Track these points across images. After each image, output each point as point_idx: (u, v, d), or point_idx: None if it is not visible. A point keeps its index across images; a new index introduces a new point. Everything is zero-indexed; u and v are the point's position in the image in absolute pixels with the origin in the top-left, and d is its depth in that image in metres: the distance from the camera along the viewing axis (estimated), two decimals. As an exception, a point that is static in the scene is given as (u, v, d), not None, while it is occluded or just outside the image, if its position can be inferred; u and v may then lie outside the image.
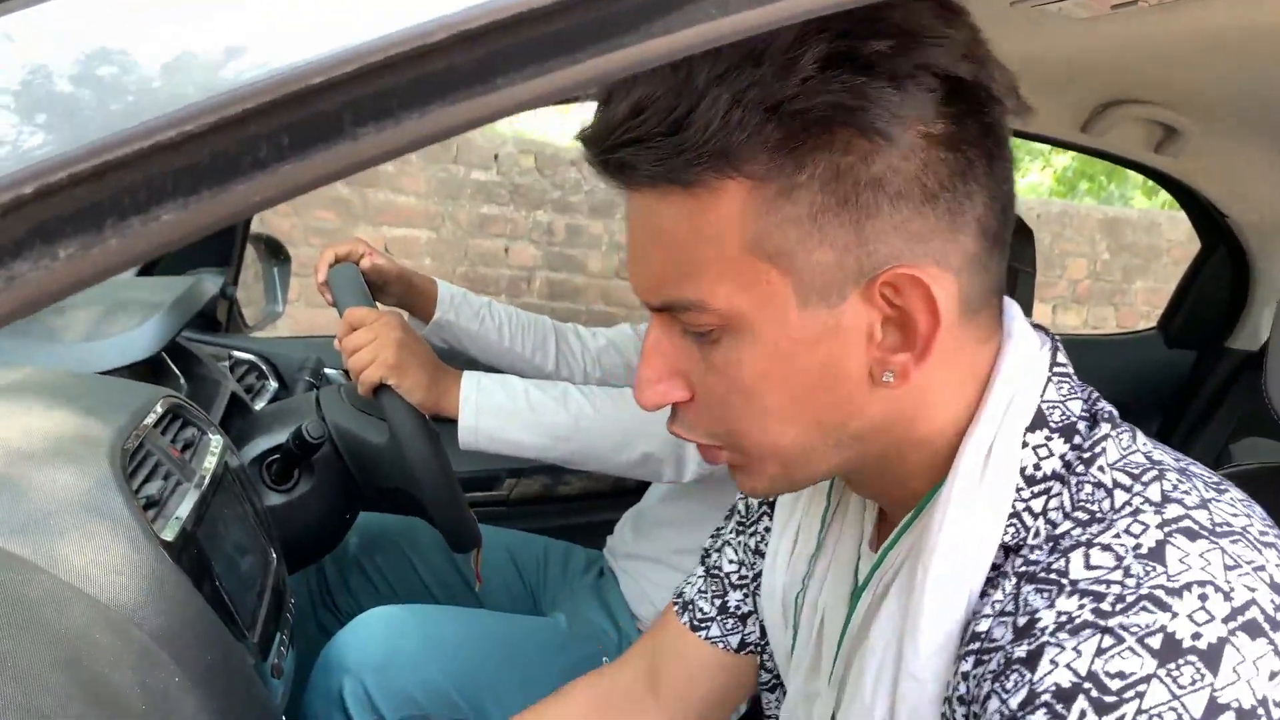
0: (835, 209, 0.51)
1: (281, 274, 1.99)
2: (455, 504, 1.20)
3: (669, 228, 0.54)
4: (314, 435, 1.16)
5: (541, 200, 4.25)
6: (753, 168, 0.51)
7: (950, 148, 0.52)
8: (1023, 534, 0.55)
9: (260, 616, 0.94)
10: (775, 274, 0.53)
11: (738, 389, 0.56)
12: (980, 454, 0.56)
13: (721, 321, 0.55)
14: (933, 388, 0.57)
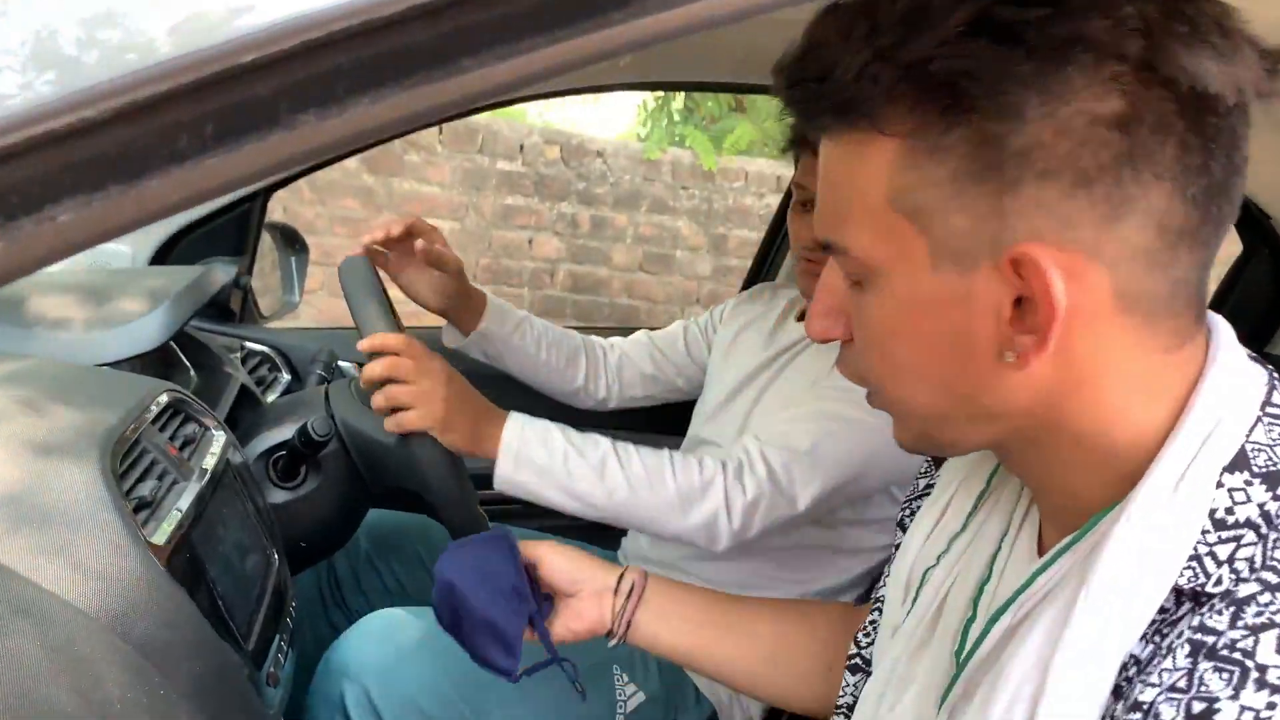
0: (976, 176, 0.50)
1: (299, 264, 1.97)
2: (465, 504, 1.16)
3: (831, 169, 0.57)
4: (320, 432, 1.13)
5: (566, 192, 4.22)
6: (903, 125, 0.51)
7: (1120, 129, 0.48)
8: (1201, 580, 0.50)
9: (258, 621, 0.91)
10: (912, 232, 0.53)
11: (875, 339, 0.58)
12: (1169, 482, 0.51)
13: (861, 270, 0.56)
14: (1086, 384, 0.53)
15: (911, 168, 0.52)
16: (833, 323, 0.62)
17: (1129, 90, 0.48)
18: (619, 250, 4.36)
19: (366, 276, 1.21)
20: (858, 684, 0.84)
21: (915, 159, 0.51)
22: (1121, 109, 0.48)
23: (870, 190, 0.54)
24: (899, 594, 0.76)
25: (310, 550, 1.28)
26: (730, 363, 1.50)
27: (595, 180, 4.25)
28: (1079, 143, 0.48)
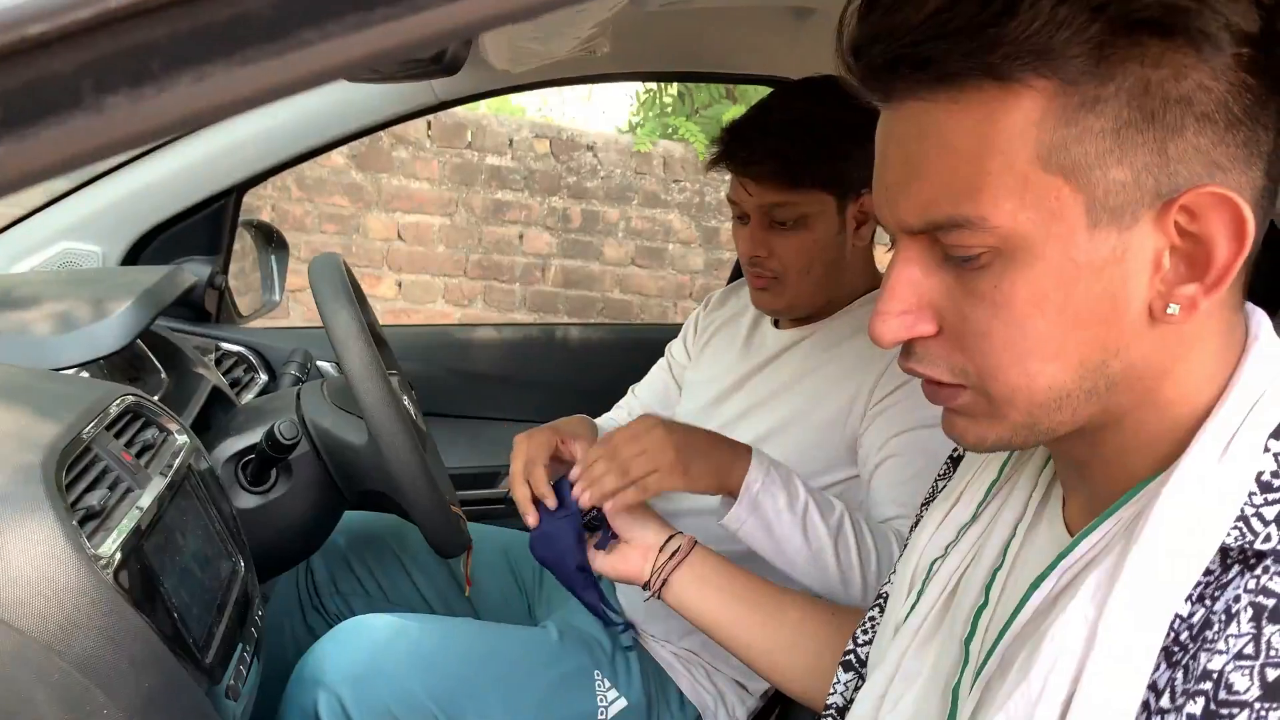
0: (1140, 125, 0.49)
1: (279, 262, 1.93)
2: (438, 508, 1.13)
3: (952, 137, 0.52)
4: (287, 436, 1.10)
5: (556, 186, 4.18)
6: (1065, 71, 0.49)
7: (1256, 74, 0.49)
8: (1249, 538, 0.50)
9: (218, 633, 0.88)
10: (1067, 190, 0.50)
11: (1004, 318, 0.53)
12: (1218, 446, 0.52)
13: (997, 242, 0.52)
14: (1198, 340, 0.54)
15: (1067, 122, 0.49)
16: (917, 319, 0.57)
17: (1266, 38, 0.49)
18: (610, 245, 4.32)
19: (337, 277, 1.17)
20: (849, 683, 0.83)
21: (1070, 112, 0.49)
22: (1259, 56, 0.49)
23: (1016, 150, 0.50)
24: (903, 589, 0.74)
25: (282, 555, 1.25)
26: (705, 373, 1.45)
27: (586, 174, 4.21)
28: (1230, 86, 0.49)
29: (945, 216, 0.53)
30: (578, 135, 4.19)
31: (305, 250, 3.91)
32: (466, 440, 1.76)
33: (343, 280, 1.17)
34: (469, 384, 1.83)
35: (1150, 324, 0.52)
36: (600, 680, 1.22)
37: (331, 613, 1.47)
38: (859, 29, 0.53)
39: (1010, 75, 0.49)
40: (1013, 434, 0.57)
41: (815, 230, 1.22)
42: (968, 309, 0.54)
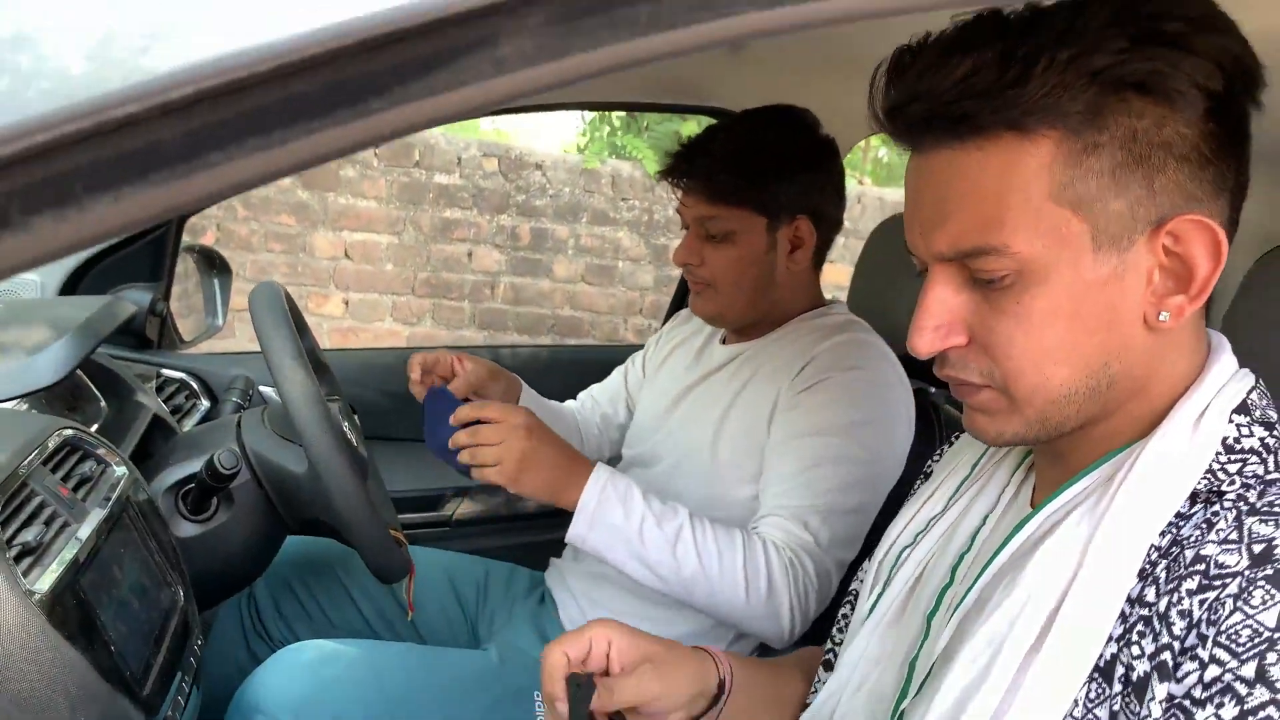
0: (1131, 165, 0.60)
1: (221, 286, 1.93)
2: (378, 535, 1.15)
3: (979, 179, 0.62)
4: (226, 466, 1.11)
5: (505, 204, 4.20)
6: (1069, 123, 0.59)
7: (1222, 122, 0.61)
8: (1216, 483, 0.62)
9: (156, 664, 0.90)
10: (1075, 221, 0.61)
11: (1025, 328, 0.63)
12: (1193, 416, 0.64)
13: (1018, 265, 0.62)
14: (1178, 342, 0.65)
15: (1073, 164, 0.60)
16: (950, 332, 0.67)
17: (1230, 91, 0.60)
18: (560, 262, 4.35)
19: (276, 306, 1.18)
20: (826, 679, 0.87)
21: (1075, 155, 0.60)
22: (1224, 107, 0.60)
23: (1033, 188, 0.61)
24: (871, 582, 0.82)
25: (224, 583, 1.26)
26: (658, 386, 1.51)
27: (535, 193, 4.24)
28: (1201, 133, 0.60)
29: (973, 246, 0.63)
30: (526, 154, 4.21)
31: (251, 269, 3.89)
32: (410, 464, 1.77)
33: (283, 309, 1.18)
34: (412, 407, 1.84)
35: (1145, 330, 0.63)
36: (539, 701, 1.24)
37: (275, 639, 1.47)
38: (894, 91, 0.64)
39: (1028, 127, 0.60)
40: (1026, 428, 0.67)
41: (742, 246, 1.30)
42: (993, 322, 0.64)
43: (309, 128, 0.25)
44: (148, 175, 0.24)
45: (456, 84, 0.27)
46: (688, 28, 0.28)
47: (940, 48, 0.61)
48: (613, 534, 1.14)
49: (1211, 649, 0.56)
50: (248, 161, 0.25)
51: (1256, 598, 0.55)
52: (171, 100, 0.24)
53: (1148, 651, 0.59)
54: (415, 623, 1.47)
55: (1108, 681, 0.61)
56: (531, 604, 1.46)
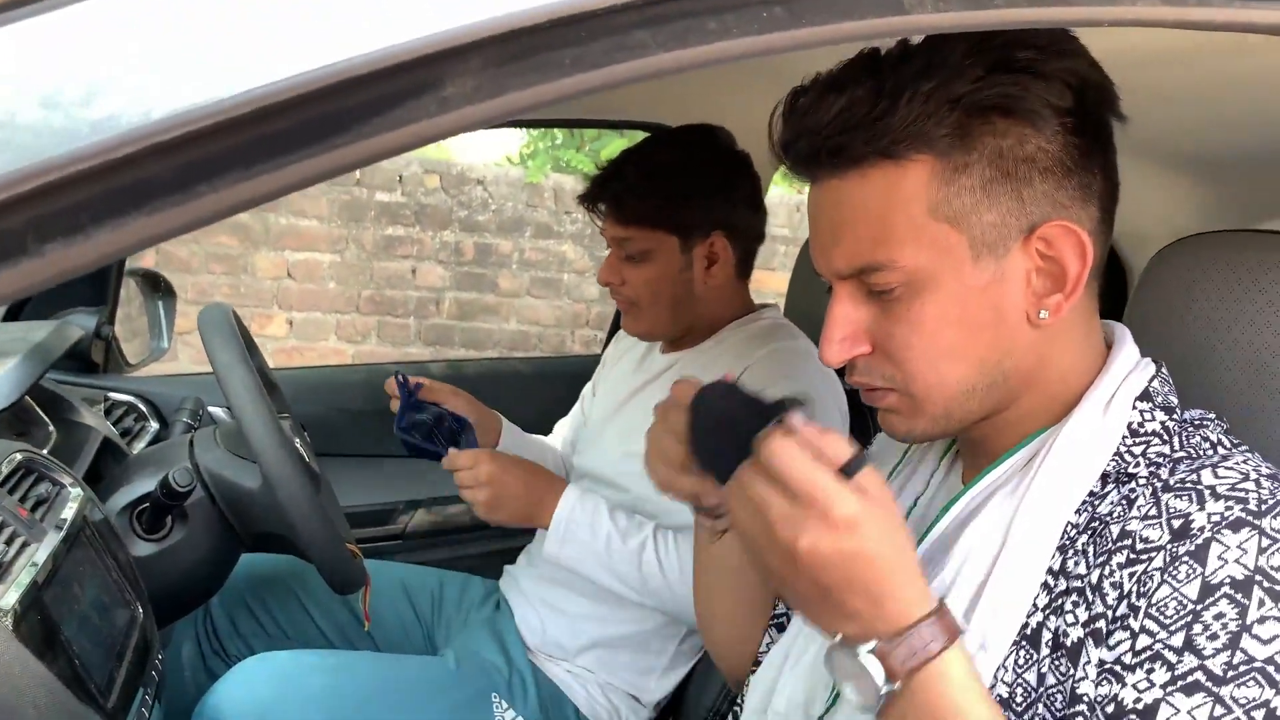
0: (1000, 180, 0.66)
1: (166, 308, 1.94)
2: (333, 547, 1.17)
3: (866, 202, 0.68)
4: (180, 483, 1.13)
5: (448, 220, 4.22)
6: (939, 147, 0.65)
7: (1081, 134, 0.67)
8: (1124, 464, 0.68)
9: (119, 678, 0.92)
10: (953, 234, 0.67)
11: (918, 333, 0.69)
12: (1101, 402, 0.70)
13: (907, 277, 0.67)
14: (1063, 336, 0.71)
15: (947, 183, 0.66)
16: (854, 343, 0.72)
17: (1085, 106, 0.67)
18: (505, 276, 4.38)
19: (226, 326, 1.21)
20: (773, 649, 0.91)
21: (946, 175, 0.66)
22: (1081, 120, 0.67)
23: (913, 206, 0.67)
24: None
25: (181, 600, 1.27)
26: (602, 396, 1.55)
27: (477, 208, 4.27)
28: (1062, 146, 0.67)
29: (864, 263, 0.69)
30: (468, 170, 4.24)
31: (192, 291, 3.86)
32: (362, 479, 1.80)
33: (232, 329, 1.21)
34: (362, 423, 1.87)
35: (1029, 327, 0.69)
36: (498, 702, 1.28)
37: (233, 655, 1.49)
38: (785, 130, 0.71)
39: (899, 154, 0.66)
40: (932, 424, 0.73)
41: (659, 265, 1.36)
42: (890, 329, 0.70)
43: (282, 162, 0.29)
44: (144, 206, 0.28)
45: (408, 120, 0.31)
46: (606, 68, 0.33)
47: (821, 87, 0.68)
48: (582, 549, 1.25)
49: (1143, 620, 0.61)
50: (232, 190, 0.29)
51: (1181, 572, 0.61)
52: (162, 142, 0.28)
53: (1080, 619, 0.64)
54: (372, 634, 1.49)
55: (1034, 647, 0.66)
56: (487, 611, 1.49)
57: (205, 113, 0.28)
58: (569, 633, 1.38)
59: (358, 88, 0.30)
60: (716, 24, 0.35)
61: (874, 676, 0.60)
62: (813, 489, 0.58)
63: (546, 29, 0.32)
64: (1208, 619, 0.59)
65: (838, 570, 0.59)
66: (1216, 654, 0.58)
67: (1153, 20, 0.56)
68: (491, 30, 0.31)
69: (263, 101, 0.28)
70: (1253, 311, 0.78)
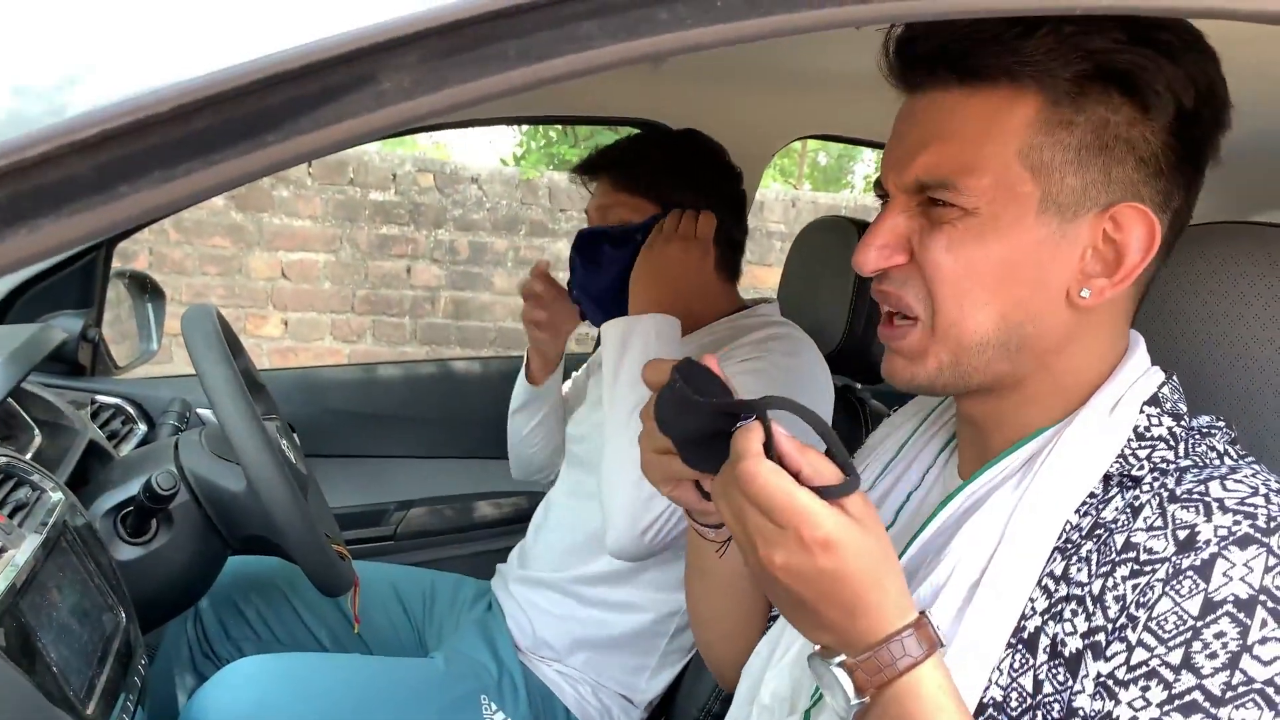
0: (1096, 150, 0.65)
1: (155, 310, 1.93)
2: (319, 550, 1.17)
3: (967, 121, 0.67)
4: (164, 487, 1.12)
5: (442, 219, 4.21)
6: (1055, 90, 0.64)
7: (1184, 140, 0.66)
8: (1128, 468, 0.67)
9: (99, 684, 0.91)
10: (1030, 183, 0.65)
11: (957, 261, 0.67)
12: (1109, 403, 0.69)
13: (972, 205, 0.66)
14: (1093, 326, 0.69)
15: (1045, 131, 0.65)
16: (891, 252, 0.70)
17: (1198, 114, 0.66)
18: (500, 275, 4.36)
19: (210, 328, 1.19)
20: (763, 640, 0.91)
21: (1050, 125, 0.65)
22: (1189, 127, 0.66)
23: (1007, 141, 0.65)
24: None
25: (167, 604, 1.26)
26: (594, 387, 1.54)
27: (472, 206, 4.25)
28: (1163, 144, 0.65)
29: (940, 178, 0.67)
30: (461, 168, 4.23)
31: (186, 293, 3.85)
32: (352, 480, 1.79)
33: (215, 331, 1.19)
34: (352, 423, 1.86)
35: (1065, 303, 0.68)
36: (487, 704, 1.27)
37: (222, 658, 1.48)
38: (909, 27, 0.68)
39: (1019, 77, 0.64)
40: (938, 370, 0.71)
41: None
42: (931, 244, 0.68)
43: (210, 160, 0.28)
44: (60, 208, 0.27)
45: (342, 116, 0.30)
46: (552, 60, 0.32)
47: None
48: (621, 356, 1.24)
49: (1140, 633, 0.59)
50: (154, 191, 0.28)
51: (1184, 587, 0.59)
52: (81, 139, 0.27)
53: (1080, 630, 0.62)
54: (362, 636, 1.49)
55: (1031, 652, 0.64)
56: (478, 612, 1.48)
57: (122, 110, 0.27)
58: (559, 634, 1.37)
59: (288, 82, 0.29)
60: (668, 14, 0.34)
61: (845, 689, 0.60)
62: (787, 512, 0.58)
63: (488, 20, 0.31)
64: (1208, 637, 0.57)
65: (813, 587, 0.59)
66: (1215, 673, 0.56)
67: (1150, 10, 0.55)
68: (429, 22, 0.30)
69: (184, 98, 0.27)
70: (1246, 304, 0.77)
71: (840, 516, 0.58)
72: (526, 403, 1.59)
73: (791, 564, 0.58)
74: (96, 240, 0.32)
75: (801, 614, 0.62)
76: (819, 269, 1.60)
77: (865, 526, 0.59)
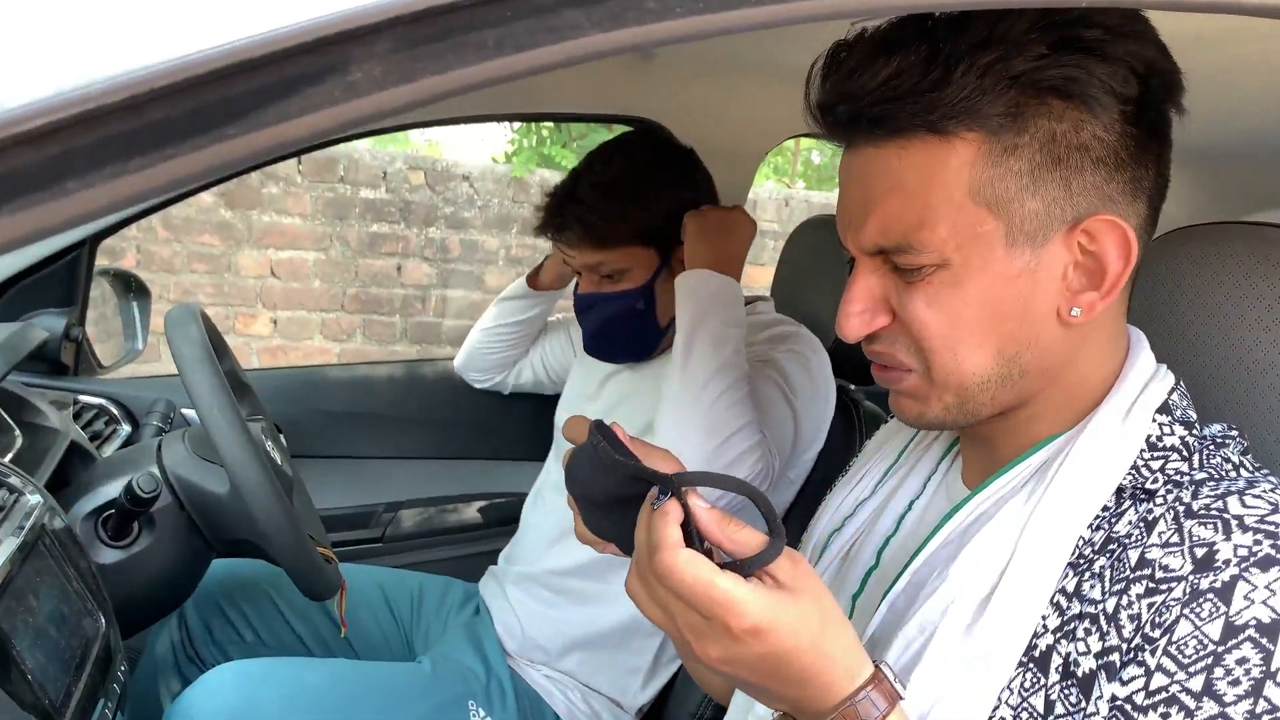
0: (1049, 166, 0.62)
1: (141, 309, 1.90)
2: (305, 553, 1.15)
3: (905, 176, 0.63)
4: (145, 489, 1.10)
5: (433, 217, 4.18)
6: (989, 125, 0.61)
7: (1139, 125, 0.63)
8: (1141, 479, 0.64)
9: (77, 690, 0.89)
10: (990, 219, 0.62)
11: (939, 315, 0.65)
12: (1120, 410, 0.66)
13: (936, 259, 0.64)
14: (1091, 336, 0.67)
15: (993, 164, 0.62)
16: (871, 316, 0.68)
17: (1146, 96, 0.62)
18: (492, 273, 4.34)
19: (192, 328, 1.17)
20: None
21: (995, 156, 0.61)
22: (1140, 111, 0.62)
23: (954, 186, 0.62)
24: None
25: (150, 608, 1.24)
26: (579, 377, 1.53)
27: (463, 204, 4.23)
28: (1118, 136, 0.62)
29: (894, 243, 0.65)
30: (453, 166, 4.20)
31: (175, 291, 3.82)
32: (340, 481, 1.77)
33: (199, 331, 1.17)
34: (340, 424, 1.84)
35: (1057, 324, 0.65)
36: (475, 709, 1.25)
37: (208, 662, 1.46)
38: (823, 91, 0.66)
39: (947, 130, 0.61)
40: (945, 412, 0.69)
41: (637, 278, 1.30)
42: (910, 305, 0.66)
43: (166, 154, 0.26)
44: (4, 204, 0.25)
45: (309, 108, 0.28)
46: (533, 51, 0.30)
47: (868, 47, 0.62)
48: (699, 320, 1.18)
49: (1159, 658, 0.57)
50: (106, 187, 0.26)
51: (1204, 610, 0.56)
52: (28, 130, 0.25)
53: (1094, 649, 0.60)
54: (349, 639, 1.47)
55: (1043, 671, 0.62)
56: (466, 615, 1.46)
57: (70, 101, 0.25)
58: (549, 634, 1.35)
59: (250, 72, 0.27)
60: (657, 2, 0.32)
61: None
62: (709, 604, 0.56)
63: (465, 8, 0.29)
64: (1230, 663, 0.55)
65: (755, 671, 0.58)
66: (1238, 701, 0.54)
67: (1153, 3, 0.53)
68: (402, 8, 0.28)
69: (138, 88, 0.25)
70: (1244, 305, 0.76)
71: (765, 596, 0.56)
72: (517, 297, 1.58)
73: (727, 656, 0.57)
74: (46, 238, 0.30)
75: (753, 692, 0.61)
76: (812, 268, 1.59)
77: (796, 593, 0.57)
